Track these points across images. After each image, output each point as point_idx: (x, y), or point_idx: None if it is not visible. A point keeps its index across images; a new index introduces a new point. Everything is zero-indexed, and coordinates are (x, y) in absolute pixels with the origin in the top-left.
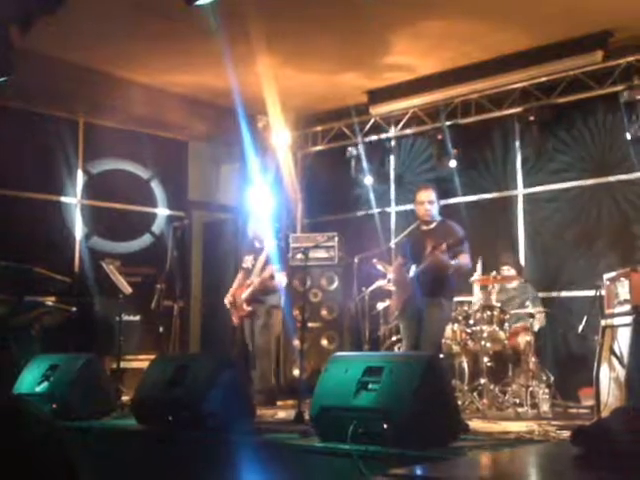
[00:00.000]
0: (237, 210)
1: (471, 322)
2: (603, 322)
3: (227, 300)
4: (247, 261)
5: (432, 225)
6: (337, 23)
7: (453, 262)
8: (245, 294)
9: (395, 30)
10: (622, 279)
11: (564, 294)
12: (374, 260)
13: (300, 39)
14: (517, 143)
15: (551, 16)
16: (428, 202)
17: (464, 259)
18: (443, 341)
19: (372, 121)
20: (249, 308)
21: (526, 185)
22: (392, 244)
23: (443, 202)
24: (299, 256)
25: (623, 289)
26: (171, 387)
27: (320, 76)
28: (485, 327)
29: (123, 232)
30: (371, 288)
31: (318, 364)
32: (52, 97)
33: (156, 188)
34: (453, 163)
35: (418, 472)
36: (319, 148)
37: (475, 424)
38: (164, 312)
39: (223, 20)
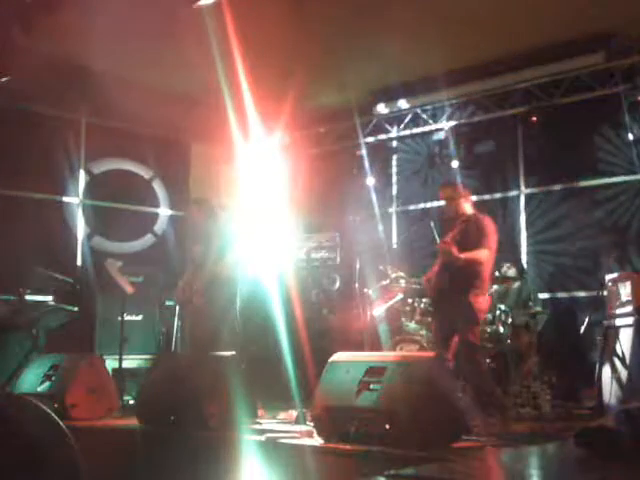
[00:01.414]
0: (238, 210)
1: None
2: (605, 323)
3: (178, 294)
4: (196, 251)
5: (461, 220)
6: (340, 23)
7: (462, 255)
8: (197, 285)
9: (398, 30)
10: (624, 280)
11: (566, 295)
12: (376, 260)
13: (302, 39)
14: (519, 143)
15: (554, 17)
16: (445, 200)
17: (477, 253)
18: None
19: (374, 121)
20: (199, 300)
21: (528, 185)
22: (394, 244)
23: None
24: (301, 256)
25: (625, 290)
26: (173, 387)
27: (322, 76)
28: (487, 327)
29: (125, 232)
30: (373, 288)
31: (320, 364)
32: (54, 97)
33: (158, 188)
34: (455, 163)
35: (420, 472)
36: (321, 148)
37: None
38: (166, 312)
39: (224, 19)
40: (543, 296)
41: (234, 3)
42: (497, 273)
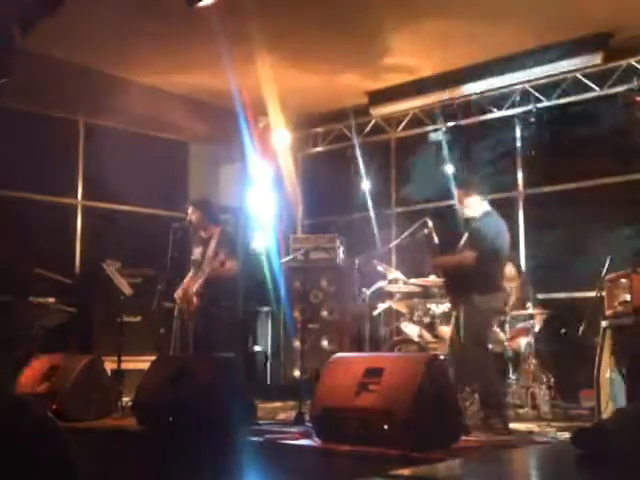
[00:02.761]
0: (237, 211)
1: None
2: (604, 323)
3: (177, 295)
4: (196, 253)
5: (472, 221)
6: (337, 24)
7: (437, 261)
8: (195, 286)
9: (395, 31)
10: (623, 280)
11: (564, 295)
12: (374, 261)
13: (301, 40)
14: (517, 144)
15: (552, 17)
16: (457, 202)
17: (457, 257)
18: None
19: (372, 122)
20: (197, 301)
21: (526, 186)
22: (392, 245)
23: (444, 204)
24: (300, 257)
25: (624, 290)
26: (172, 388)
27: (320, 77)
28: None
29: (124, 233)
30: (372, 289)
31: (318, 365)
32: (53, 98)
33: (157, 189)
34: (453, 164)
35: (418, 473)
36: (319, 149)
37: (475, 425)
38: (164, 313)
39: (224, 20)
40: (541, 297)
41: (234, 3)
42: None
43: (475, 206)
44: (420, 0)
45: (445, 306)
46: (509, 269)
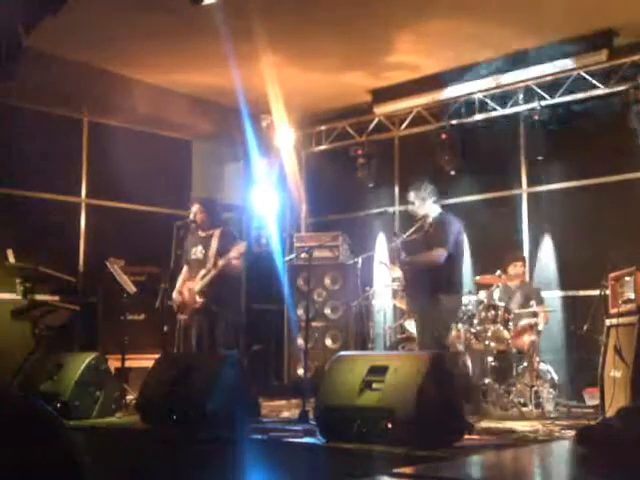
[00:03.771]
0: (241, 209)
1: (475, 321)
2: (608, 322)
3: (175, 296)
4: (195, 252)
5: (428, 222)
6: (341, 22)
7: (407, 258)
8: (200, 285)
9: (399, 29)
10: (627, 278)
11: (568, 293)
12: (379, 261)
13: (304, 38)
14: (521, 142)
15: (556, 15)
16: (410, 203)
17: (426, 255)
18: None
19: (376, 120)
20: (201, 300)
21: (530, 184)
22: (395, 243)
23: (446, 202)
24: (303, 255)
25: (628, 288)
26: (175, 386)
27: (324, 75)
28: (489, 326)
29: (127, 231)
30: (375, 287)
31: (322, 363)
32: (56, 96)
33: (160, 187)
34: (457, 162)
35: (422, 471)
36: (323, 147)
37: (479, 423)
38: (168, 311)
39: (228, 19)
40: (546, 295)
41: (238, 1)
42: (500, 272)
43: (430, 207)
44: None
45: None
46: (514, 267)
